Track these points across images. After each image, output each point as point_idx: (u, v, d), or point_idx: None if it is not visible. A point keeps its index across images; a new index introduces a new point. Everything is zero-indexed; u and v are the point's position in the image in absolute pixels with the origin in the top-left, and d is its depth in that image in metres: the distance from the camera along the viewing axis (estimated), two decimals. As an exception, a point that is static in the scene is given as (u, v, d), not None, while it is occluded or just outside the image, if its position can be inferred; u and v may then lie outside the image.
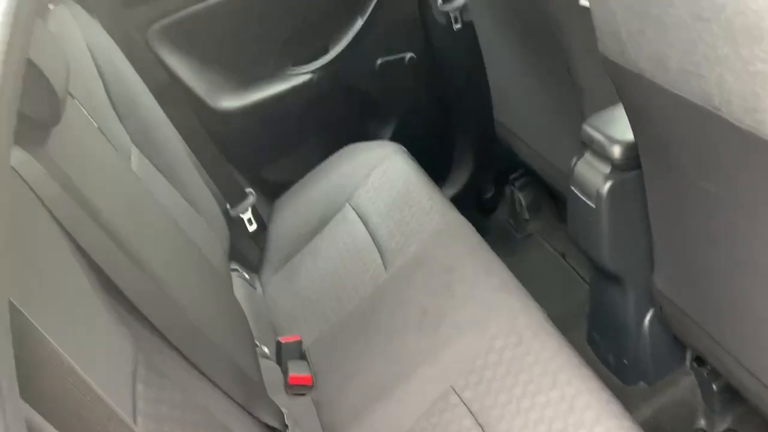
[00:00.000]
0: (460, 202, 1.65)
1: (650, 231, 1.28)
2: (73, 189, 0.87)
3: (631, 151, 1.23)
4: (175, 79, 1.75)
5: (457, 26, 2.03)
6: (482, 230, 1.47)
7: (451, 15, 2.02)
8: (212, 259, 1.36)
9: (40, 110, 0.81)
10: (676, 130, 1.00)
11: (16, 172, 0.78)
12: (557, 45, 1.42)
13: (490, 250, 1.39)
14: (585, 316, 1.63)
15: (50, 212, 0.82)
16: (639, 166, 1.22)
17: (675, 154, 1.05)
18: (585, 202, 1.32)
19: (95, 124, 1.15)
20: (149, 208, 1.19)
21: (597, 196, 1.29)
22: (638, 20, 0.92)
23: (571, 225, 1.43)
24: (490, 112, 1.96)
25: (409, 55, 2.06)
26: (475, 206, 2.26)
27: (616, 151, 1.25)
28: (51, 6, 1.30)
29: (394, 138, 2.05)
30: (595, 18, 1.03)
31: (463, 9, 2.01)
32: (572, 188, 1.36)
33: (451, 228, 1.46)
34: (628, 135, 1.20)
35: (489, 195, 2.28)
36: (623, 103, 1.14)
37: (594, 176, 1.30)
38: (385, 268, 1.47)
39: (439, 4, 2.01)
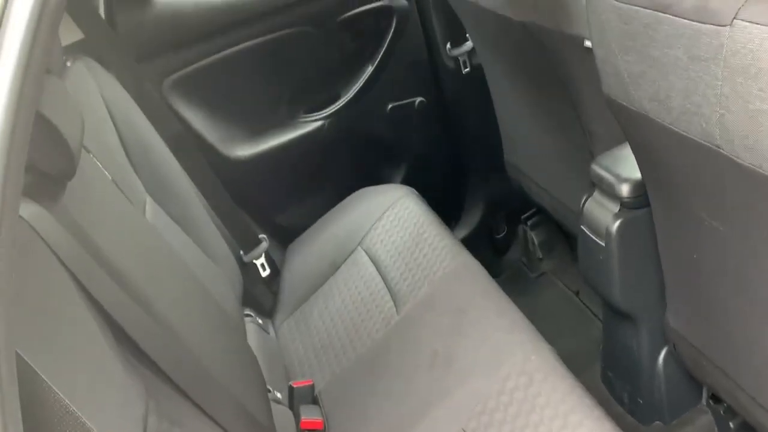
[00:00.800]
0: (472, 242, 1.65)
1: (661, 268, 1.28)
2: (87, 241, 0.88)
3: (640, 189, 1.24)
4: (188, 128, 1.78)
5: (466, 70, 2.07)
6: (496, 270, 1.47)
7: (460, 59, 2.07)
8: (225, 305, 1.37)
9: (55, 165, 0.82)
10: (682, 168, 1.00)
11: (31, 226, 0.79)
12: (563, 86, 1.44)
13: (501, 291, 1.40)
14: (599, 354, 1.62)
15: (63, 264, 0.83)
16: (648, 204, 1.22)
17: (682, 191, 1.06)
18: (595, 240, 1.33)
19: (109, 176, 1.17)
20: (162, 258, 1.20)
21: (606, 235, 1.29)
22: (639, 61, 0.93)
23: (582, 264, 1.43)
24: (500, 152, 1.97)
25: (419, 99, 2.09)
26: (489, 246, 2.26)
27: (625, 190, 1.26)
28: (68, 63, 1.34)
29: (406, 181, 2.07)
30: (598, 59, 1.05)
31: (471, 53, 2.05)
32: (582, 227, 1.36)
33: (462, 269, 1.46)
34: (636, 173, 1.21)
35: (501, 235, 2.28)
36: (629, 142, 1.14)
37: (603, 215, 1.30)
38: (397, 310, 1.47)
39: (447, 49, 2.04)
